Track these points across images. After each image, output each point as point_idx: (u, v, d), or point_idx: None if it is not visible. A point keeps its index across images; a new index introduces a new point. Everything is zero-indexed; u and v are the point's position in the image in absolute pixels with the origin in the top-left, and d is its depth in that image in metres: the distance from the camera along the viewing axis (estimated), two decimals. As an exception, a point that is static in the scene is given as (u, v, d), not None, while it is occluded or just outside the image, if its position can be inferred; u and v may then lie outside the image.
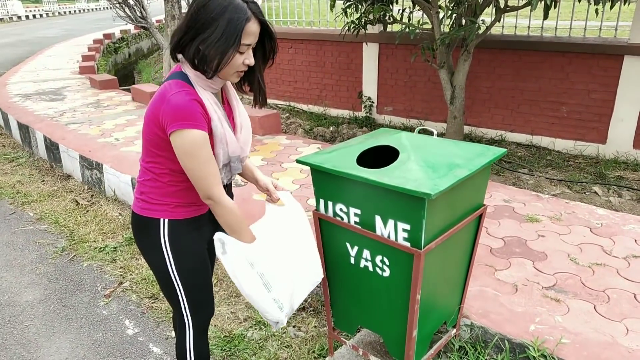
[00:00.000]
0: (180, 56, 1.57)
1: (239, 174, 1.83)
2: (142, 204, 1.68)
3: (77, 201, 4.40)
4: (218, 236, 1.60)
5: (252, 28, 1.49)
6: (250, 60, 1.54)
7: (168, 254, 1.68)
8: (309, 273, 1.87)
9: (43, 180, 5.01)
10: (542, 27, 5.31)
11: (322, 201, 2.00)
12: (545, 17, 4.01)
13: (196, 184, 1.56)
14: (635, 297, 2.48)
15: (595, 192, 4.18)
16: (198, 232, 1.73)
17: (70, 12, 35.40)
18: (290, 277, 1.74)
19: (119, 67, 14.18)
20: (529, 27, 5.49)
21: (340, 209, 1.94)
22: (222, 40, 1.45)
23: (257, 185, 1.89)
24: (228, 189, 1.83)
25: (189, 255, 1.71)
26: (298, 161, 1.98)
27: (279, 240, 1.73)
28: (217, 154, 1.59)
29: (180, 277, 1.71)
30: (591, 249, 2.94)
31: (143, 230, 1.70)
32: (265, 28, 1.55)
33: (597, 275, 2.67)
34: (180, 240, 1.68)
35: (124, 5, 8.00)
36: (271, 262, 1.67)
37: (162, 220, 1.65)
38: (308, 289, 1.87)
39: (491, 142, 5.51)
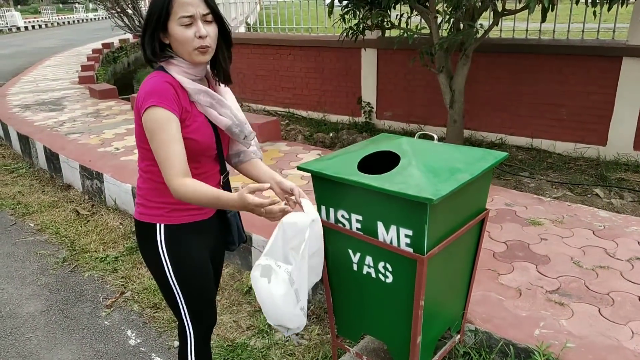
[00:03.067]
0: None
1: (248, 175, 1.81)
2: (140, 209, 1.67)
3: (77, 211, 4.40)
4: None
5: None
6: (201, 32, 1.51)
7: (166, 261, 1.65)
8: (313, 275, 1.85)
9: (43, 191, 5.00)
10: (540, 30, 5.31)
11: (323, 208, 1.99)
12: (543, 20, 4.01)
13: (160, 169, 1.50)
14: (639, 299, 2.47)
15: (596, 194, 4.16)
16: (199, 237, 1.70)
17: (69, 22, 35.60)
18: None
19: (118, 76, 14.17)
20: (527, 30, 5.49)
21: (342, 216, 1.93)
22: (154, 17, 1.51)
23: (277, 188, 1.78)
24: (225, 183, 1.79)
25: (188, 262, 1.68)
26: (299, 168, 1.98)
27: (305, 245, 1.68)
28: (224, 113, 1.60)
29: (180, 285, 1.69)
30: (594, 252, 2.93)
31: (142, 237, 1.70)
32: (211, 5, 1.55)
33: (601, 278, 2.65)
34: (177, 246, 1.65)
35: (122, 15, 8.05)
36: (303, 273, 1.66)
37: (158, 225, 1.63)
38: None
39: (491, 145, 5.51)
